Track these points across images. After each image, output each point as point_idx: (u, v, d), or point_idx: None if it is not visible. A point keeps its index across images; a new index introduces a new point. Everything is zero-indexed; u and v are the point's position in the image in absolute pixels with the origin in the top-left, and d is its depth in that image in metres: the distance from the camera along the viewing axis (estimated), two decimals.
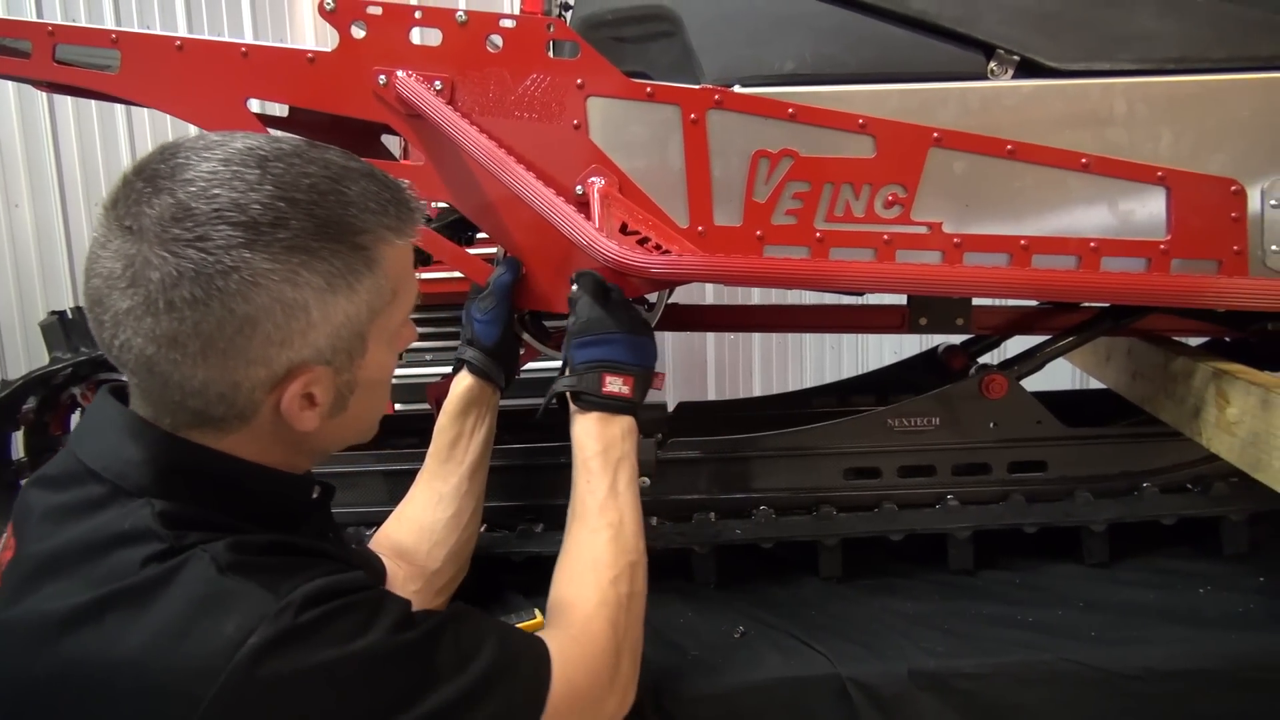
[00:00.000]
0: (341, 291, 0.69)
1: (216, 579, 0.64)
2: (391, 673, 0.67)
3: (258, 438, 0.73)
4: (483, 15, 1.12)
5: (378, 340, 0.75)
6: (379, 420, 0.84)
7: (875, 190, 1.10)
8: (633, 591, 0.90)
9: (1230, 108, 1.06)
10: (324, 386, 0.72)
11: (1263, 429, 0.97)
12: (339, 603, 0.66)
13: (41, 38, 1.16)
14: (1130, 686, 0.99)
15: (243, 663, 0.61)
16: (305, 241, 0.67)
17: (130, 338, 0.66)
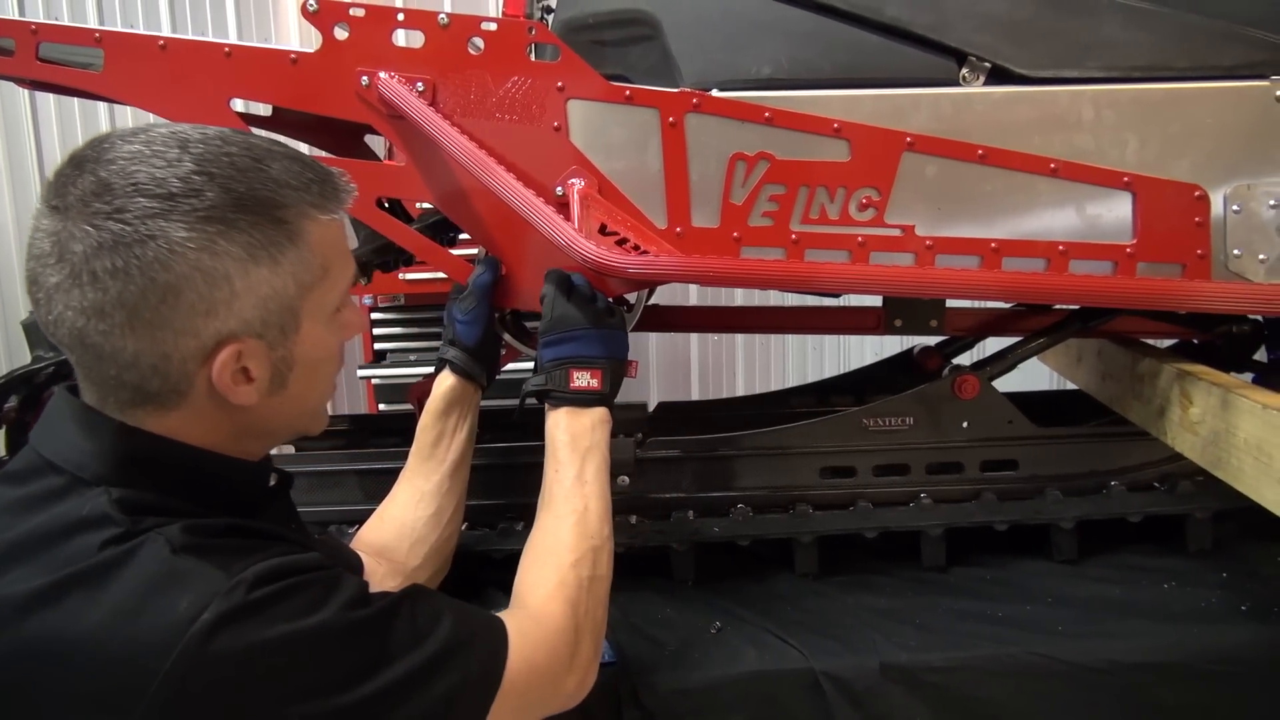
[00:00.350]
0: (264, 263, 0.71)
1: (170, 559, 0.65)
2: (344, 648, 0.68)
3: (200, 417, 0.74)
4: (464, 18, 1.13)
5: (313, 318, 0.76)
6: (325, 407, 0.86)
7: (850, 193, 1.12)
8: (595, 575, 0.91)
9: (1193, 115, 1.09)
10: (259, 361, 0.73)
11: (1223, 428, 1.00)
12: (292, 580, 0.68)
13: (25, 36, 1.17)
14: (1095, 679, 1.02)
15: (195, 638, 0.62)
16: (222, 213, 0.69)
17: (62, 312, 0.68)
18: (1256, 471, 0.92)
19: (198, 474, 0.74)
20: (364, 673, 0.69)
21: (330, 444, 1.60)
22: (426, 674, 0.72)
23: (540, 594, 0.88)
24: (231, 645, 0.63)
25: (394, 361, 3.10)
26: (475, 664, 0.76)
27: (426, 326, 3.15)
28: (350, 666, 0.68)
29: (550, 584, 0.88)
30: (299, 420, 0.83)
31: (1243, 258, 1.10)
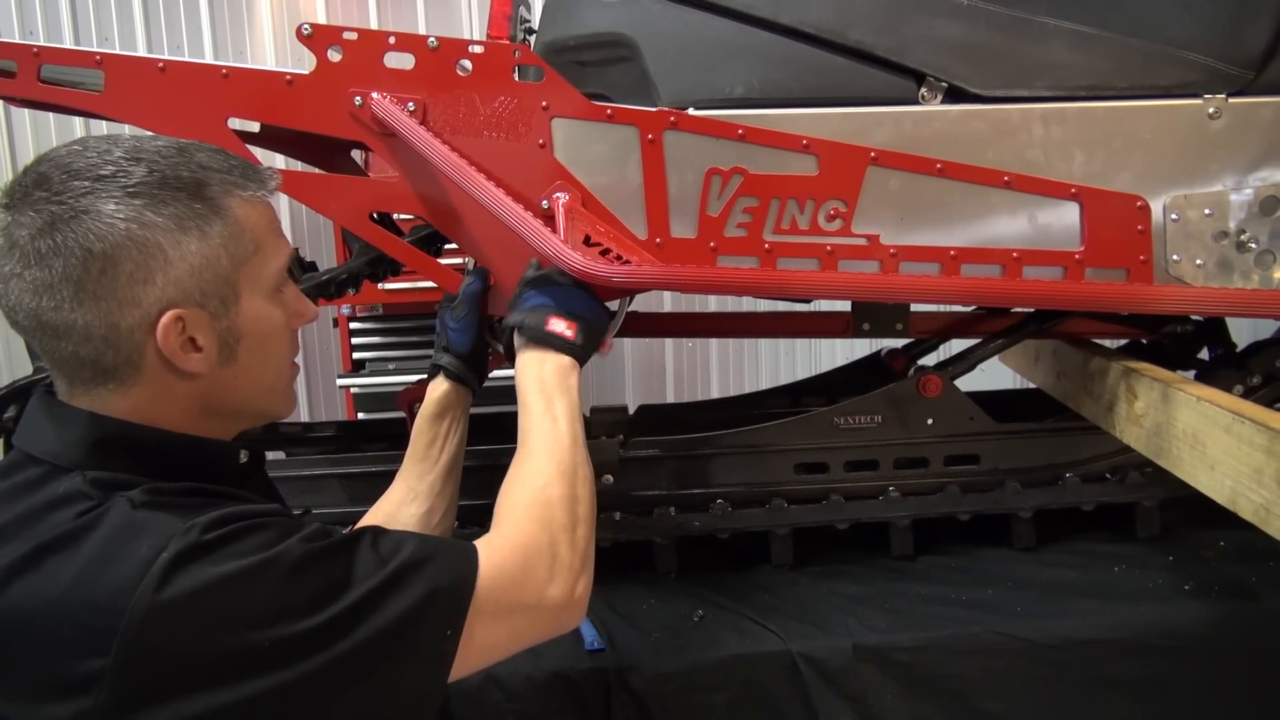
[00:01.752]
0: (193, 234, 0.76)
1: (131, 513, 0.71)
2: (305, 574, 0.71)
3: (161, 394, 0.78)
4: (453, 41, 1.19)
5: (251, 291, 0.81)
6: (287, 388, 0.89)
7: (818, 205, 1.19)
8: (569, 495, 0.88)
9: (1134, 131, 1.17)
10: (204, 331, 0.78)
11: (1164, 420, 1.08)
12: (250, 522, 0.72)
13: (27, 58, 1.21)
14: (1051, 655, 1.09)
15: (155, 576, 0.66)
16: (148, 189, 0.75)
17: (18, 296, 0.74)
18: (1192, 458, 1.00)
19: (167, 454, 0.79)
20: (329, 595, 0.71)
21: (318, 449, 1.65)
22: (392, 587, 0.73)
23: (512, 515, 0.87)
24: (190, 582, 0.67)
25: (373, 370, 3.14)
26: (444, 576, 0.76)
27: (405, 336, 3.19)
28: (314, 590, 0.70)
29: (520, 506, 0.87)
30: (260, 398, 0.86)
31: (1181, 263, 1.18)
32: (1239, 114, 1.16)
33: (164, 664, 0.67)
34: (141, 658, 0.66)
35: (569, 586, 0.83)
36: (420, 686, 0.75)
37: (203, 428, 0.82)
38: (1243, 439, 0.89)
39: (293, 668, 0.68)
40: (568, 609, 0.83)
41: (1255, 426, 0.87)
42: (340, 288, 1.35)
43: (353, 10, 3.67)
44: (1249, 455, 0.89)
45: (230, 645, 0.67)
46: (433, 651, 0.75)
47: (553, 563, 0.83)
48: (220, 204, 0.78)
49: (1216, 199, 1.18)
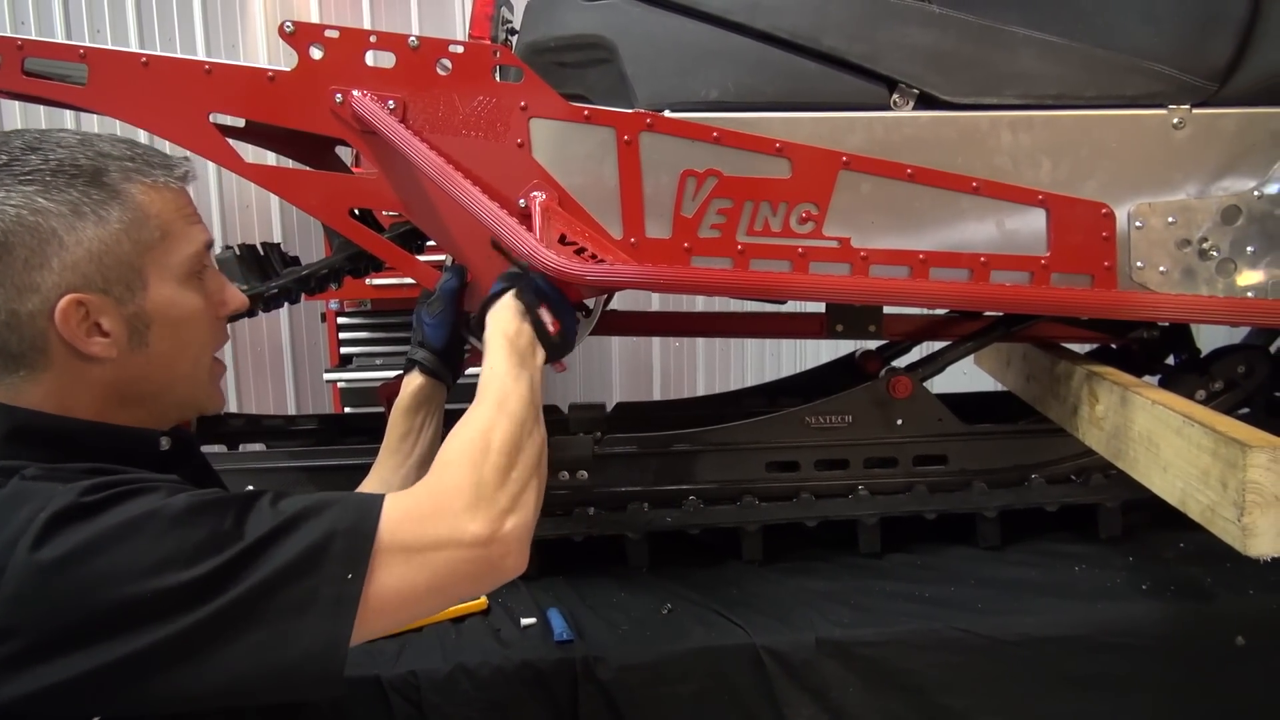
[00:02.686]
0: (89, 219, 0.77)
1: (20, 484, 0.72)
2: (189, 527, 0.69)
3: (73, 381, 0.79)
4: (433, 41, 1.20)
5: (160, 277, 0.81)
6: (209, 378, 0.89)
7: (791, 207, 1.21)
8: (505, 439, 0.83)
9: (1100, 140, 1.19)
10: (110, 317, 0.78)
11: (1122, 423, 1.10)
12: (136, 485, 0.72)
13: (10, 51, 1.22)
14: (1010, 651, 1.12)
15: (32, 534, 0.67)
16: (41, 176, 0.76)
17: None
18: (1148, 460, 1.03)
19: (82, 442, 0.79)
20: (213, 545, 0.69)
21: (300, 442, 1.67)
22: (284, 533, 0.71)
23: (441, 459, 0.82)
24: (68, 540, 0.67)
25: (359, 365, 3.15)
26: (342, 520, 0.73)
27: (392, 331, 3.20)
28: (197, 540, 0.69)
29: (452, 448, 0.83)
30: (178, 385, 0.86)
31: (1145, 269, 1.21)
32: (1202, 125, 1.19)
33: (46, 620, 0.67)
34: (23, 614, 0.67)
35: (492, 523, 0.77)
36: (324, 635, 0.71)
37: (120, 416, 0.82)
38: (1192, 441, 0.92)
39: (176, 620, 0.67)
40: (494, 546, 0.77)
41: (1203, 429, 0.90)
42: (321, 282, 1.37)
43: (345, 8, 3.68)
44: (1197, 457, 0.91)
45: (110, 600, 0.67)
46: (333, 595, 0.71)
47: (474, 499, 0.77)
48: (119, 190, 0.80)
49: (1180, 207, 1.20)
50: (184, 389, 0.87)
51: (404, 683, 1.08)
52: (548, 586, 1.29)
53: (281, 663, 0.70)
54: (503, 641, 1.14)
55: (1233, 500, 0.84)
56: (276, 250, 1.42)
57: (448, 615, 1.22)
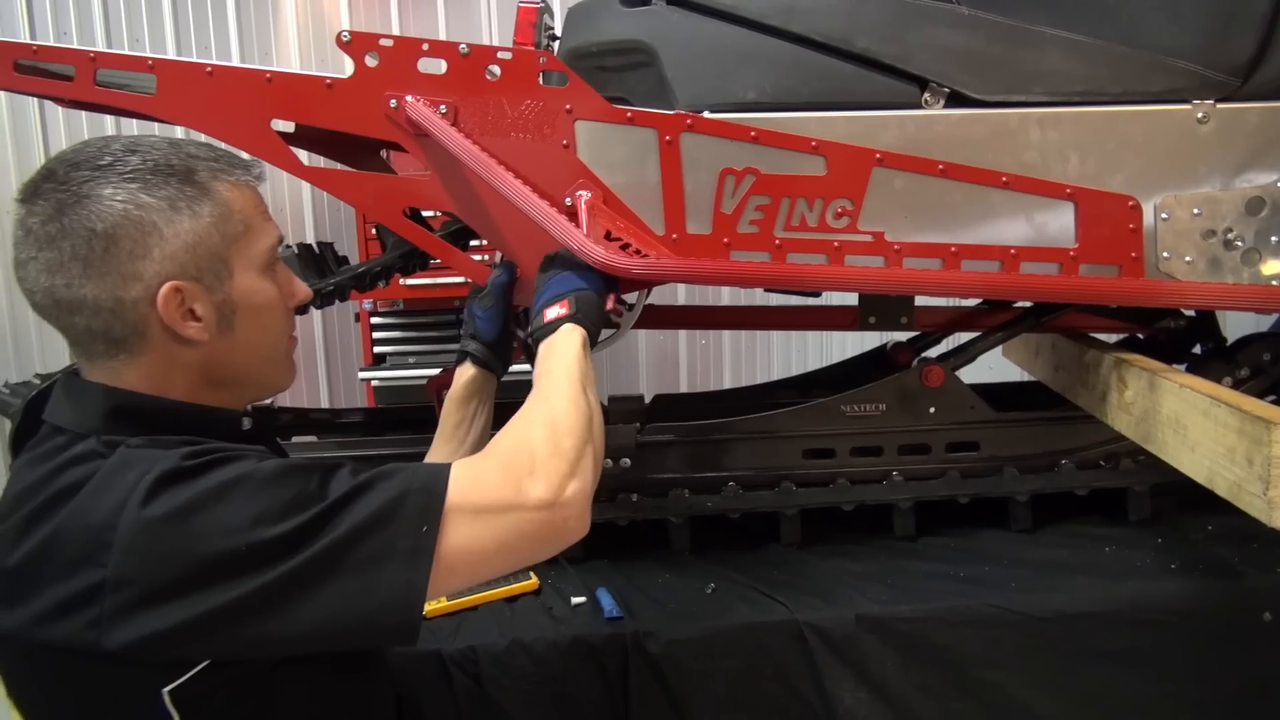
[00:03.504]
0: (185, 214, 0.84)
1: (127, 452, 0.79)
2: (278, 488, 0.76)
3: (168, 363, 0.86)
4: (483, 48, 1.26)
5: (243, 267, 0.88)
6: (285, 359, 0.96)
7: (826, 203, 1.25)
8: (556, 413, 0.89)
9: (1126, 135, 1.23)
10: (202, 302, 0.85)
11: (1151, 406, 1.14)
12: (228, 453, 0.79)
13: (84, 63, 1.29)
14: (1043, 627, 1.16)
15: (140, 494, 0.74)
16: (142, 175, 0.83)
17: (35, 278, 0.82)
18: (1176, 442, 1.07)
19: (173, 420, 0.86)
20: (300, 503, 0.76)
21: (346, 434, 1.73)
22: (363, 491, 0.78)
23: (504, 431, 0.89)
24: (172, 499, 0.74)
25: (393, 364, 3.22)
26: (415, 480, 0.79)
27: (424, 330, 3.27)
28: (285, 500, 0.75)
29: (514, 422, 0.90)
30: (259, 368, 0.93)
31: (1171, 259, 1.24)
32: (1226, 119, 1.22)
33: (154, 572, 0.73)
34: (134, 566, 0.73)
35: (554, 486, 0.82)
36: (402, 583, 0.76)
37: (208, 397, 0.89)
38: (1218, 421, 0.96)
39: (268, 571, 0.73)
40: (558, 509, 0.82)
41: (1229, 409, 0.94)
42: (374, 280, 1.43)
43: (375, 12, 3.76)
44: (1224, 436, 0.95)
45: (210, 553, 0.73)
46: (409, 548, 0.77)
47: (533, 465, 0.83)
48: (208, 187, 0.86)
49: (1205, 199, 1.24)
50: (264, 372, 0.94)
51: (463, 657, 1.14)
52: (594, 569, 1.35)
53: (364, 609, 0.76)
54: (555, 618, 1.20)
55: (1259, 475, 0.88)
56: (330, 249, 1.49)
57: (501, 594, 1.27)
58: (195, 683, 0.76)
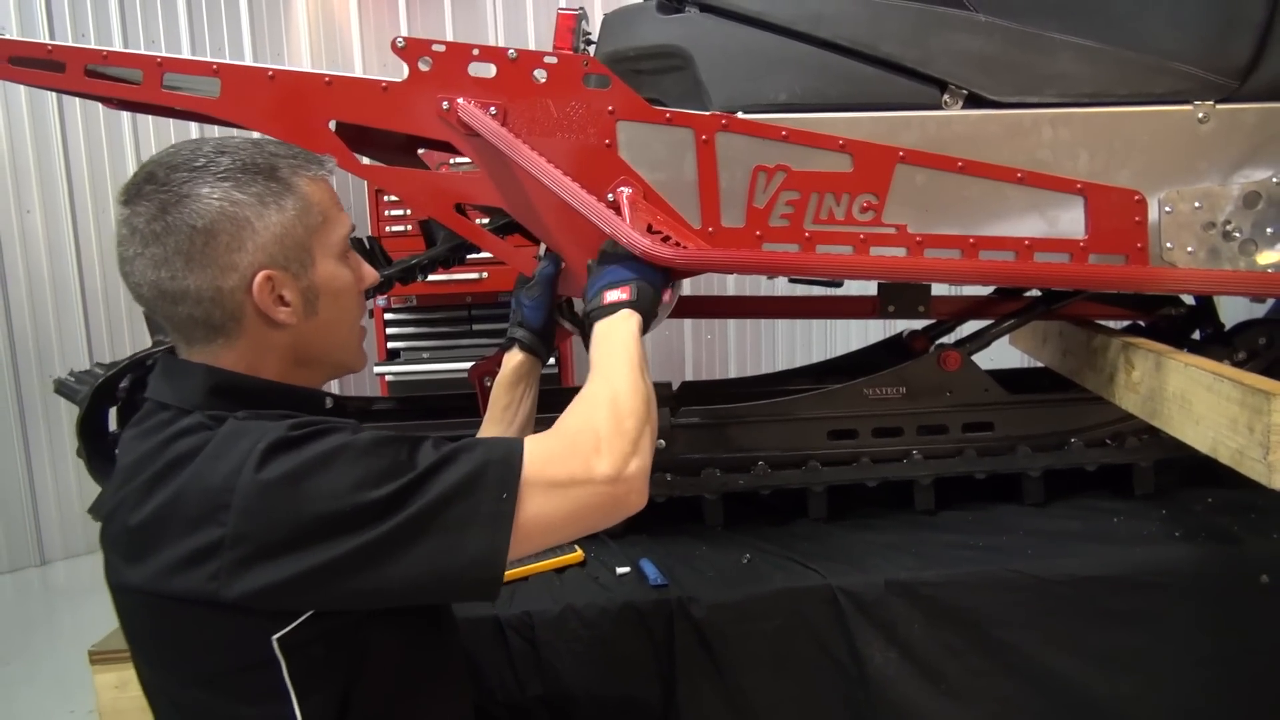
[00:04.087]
0: (272, 208, 0.92)
1: (237, 423, 0.87)
2: (374, 457, 0.84)
3: (259, 345, 0.94)
4: (530, 53, 1.34)
5: (323, 254, 0.96)
6: (357, 344, 1.04)
7: (853, 198, 1.34)
8: (615, 395, 0.95)
9: (1132, 133, 1.32)
10: (290, 289, 0.93)
11: (1157, 385, 1.23)
12: (328, 424, 0.87)
13: (152, 68, 1.36)
14: (1057, 590, 1.25)
15: (255, 460, 0.82)
16: (233, 174, 0.91)
17: (141, 273, 0.90)
18: (1181, 416, 1.16)
19: (266, 397, 0.94)
20: (394, 471, 0.83)
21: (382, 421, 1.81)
22: (448, 462, 0.85)
23: (561, 417, 0.95)
24: (282, 465, 0.82)
25: (407, 359, 3.30)
26: (494, 452, 0.87)
27: (437, 326, 3.35)
28: (381, 468, 0.83)
29: (570, 410, 0.96)
30: (338, 348, 1.01)
31: (1174, 250, 1.34)
32: (1225, 119, 1.31)
33: (268, 530, 0.81)
34: (250, 524, 0.81)
35: (618, 463, 0.89)
36: (485, 544, 0.84)
37: (294, 376, 0.98)
38: (1222, 395, 1.05)
39: (367, 531, 0.81)
40: (621, 484, 0.89)
41: (1232, 384, 1.03)
42: (424, 271, 1.51)
43: (383, 12, 3.84)
44: (1226, 408, 1.04)
45: (317, 513, 0.81)
46: (491, 513, 0.84)
47: (598, 442, 0.90)
48: (290, 183, 0.94)
49: (1205, 194, 1.33)
50: (341, 352, 1.02)
51: (519, 621, 1.22)
52: (634, 543, 1.43)
53: (451, 567, 0.84)
54: (603, 586, 1.28)
55: (1259, 442, 0.97)
56: (378, 243, 1.57)
57: (550, 566, 1.36)
58: (299, 631, 0.85)
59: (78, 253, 3.40)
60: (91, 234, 3.43)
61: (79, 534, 3.43)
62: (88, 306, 3.44)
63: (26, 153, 3.31)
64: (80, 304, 3.42)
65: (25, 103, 3.30)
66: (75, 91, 1.43)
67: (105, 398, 1.50)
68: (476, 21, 3.81)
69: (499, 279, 3.12)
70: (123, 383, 1.52)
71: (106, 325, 3.48)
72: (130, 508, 0.87)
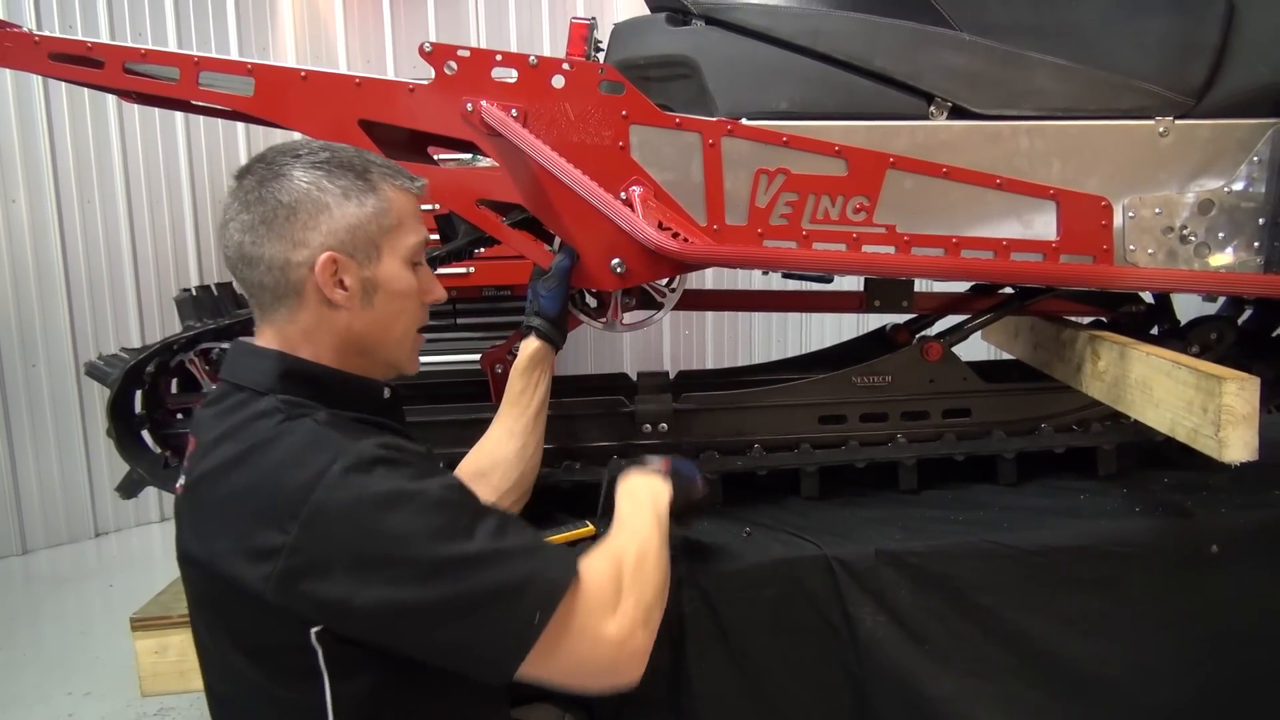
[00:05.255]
0: (353, 201, 1.00)
1: (317, 429, 0.93)
2: (436, 512, 0.88)
3: (318, 321, 1.00)
4: (549, 60, 1.43)
5: (391, 254, 1.02)
6: (413, 349, 1.09)
7: (847, 200, 1.45)
8: (644, 559, 1.02)
9: (1100, 145, 1.45)
10: (351, 275, 1.00)
11: (1121, 373, 1.36)
12: (400, 455, 0.92)
13: (188, 66, 1.44)
14: (1032, 559, 1.37)
15: (329, 482, 0.87)
16: (327, 166, 1.00)
17: (232, 236, 1.00)
18: (1143, 400, 1.29)
19: (331, 384, 1.02)
20: (450, 535, 0.87)
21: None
22: (504, 557, 0.89)
23: (590, 557, 0.99)
24: (351, 492, 0.87)
25: None
26: (549, 569, 0.91)
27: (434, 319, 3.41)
28: (438, 527, 0.87)
29: (597, 553, 1.01)
30: (389, 346, 1.06)
31: (1136, 251, 1.47)
32: (1183, 133, 1.45)
33: (324, 549, 0.87)
34: (310, 540, 0.87)
35: (624, 632, 0.93)
36: (504, 653, 0.88)
37: (350, 364, 1.05)
38: (1179, 380, 1.18)
39: (407, 588, 0.86)
40: (622, 651, 0.93)
41: (1188, 370, 1.16)
42: (441, 264, 1.60)
43: (368, 10, 3.89)
44: (1183, 392, 1.17)
45: (370, 551, 0.86)
46: (519, 628, 0.88)
47: (615, 604, 0.95)
48: (376, 186, 1.03)
49: (1164, 200, 1.46)
50: (393, 350, 1.08)
51: None
52: None
53: (467, 657, 0.90)
54: None
55: (1211, 421, 1.10)
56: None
57: (564, 539, 1.45)
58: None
59: (62, 242, 3.40)
60: (76, 224, 3.43)
61: (61, 523, 3.45)
62: (72, 296, 3.45)
63: (12, 142, 3.31)
64: (65, 294, 3.43)
65: (10, 91, 3.29)
66: (113, 88, 1.49)
67: (133, 381, 1.56)
68: (459, 20, 3.88)
69: (485, 275, 3.20)
70: (149, 367, 1.58)
71: (91, 315, 3.49)
72: (209, 485, 0.94)
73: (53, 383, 3.42)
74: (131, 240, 3.55)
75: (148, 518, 3.61)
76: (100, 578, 3.14)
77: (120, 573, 3.17)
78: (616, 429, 1.60)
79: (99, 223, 3.49)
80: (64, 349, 3.42)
